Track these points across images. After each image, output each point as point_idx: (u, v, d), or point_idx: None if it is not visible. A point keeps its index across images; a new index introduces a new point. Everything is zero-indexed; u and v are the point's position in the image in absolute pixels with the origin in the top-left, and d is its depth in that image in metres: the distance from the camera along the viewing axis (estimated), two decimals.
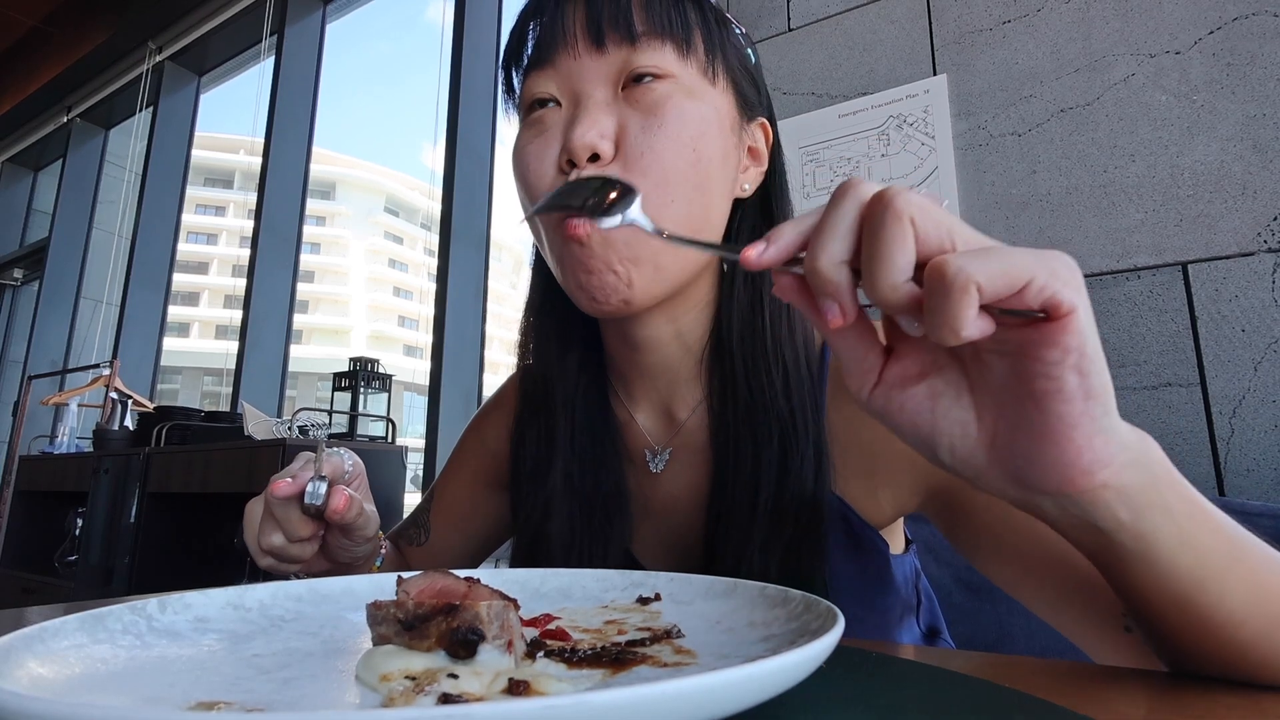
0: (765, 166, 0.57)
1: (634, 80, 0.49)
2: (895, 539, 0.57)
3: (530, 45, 0.53)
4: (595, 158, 0.48)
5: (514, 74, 0.55)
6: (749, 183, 0.56)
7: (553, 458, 0.58)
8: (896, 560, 0.55)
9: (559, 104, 0.51)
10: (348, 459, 0.55)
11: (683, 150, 0.48)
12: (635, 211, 0.40)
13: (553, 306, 0.60)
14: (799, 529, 0.49)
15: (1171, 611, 0.30)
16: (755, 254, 0.29)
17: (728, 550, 0.51)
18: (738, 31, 0.57)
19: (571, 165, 0.49)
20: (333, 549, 0.54)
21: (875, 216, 0.26)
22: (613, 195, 0.41)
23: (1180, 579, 0.29)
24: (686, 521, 0.56)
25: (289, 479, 0.49)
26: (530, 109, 0.53)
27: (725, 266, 0.57)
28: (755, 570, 0.49)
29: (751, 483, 0.51)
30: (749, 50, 0.57)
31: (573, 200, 0.43)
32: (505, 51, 0.55)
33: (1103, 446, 0.26)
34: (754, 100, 0.56)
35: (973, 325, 0.24)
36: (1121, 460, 0.27)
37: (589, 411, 0.59)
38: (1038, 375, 0.26)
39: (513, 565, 0.60)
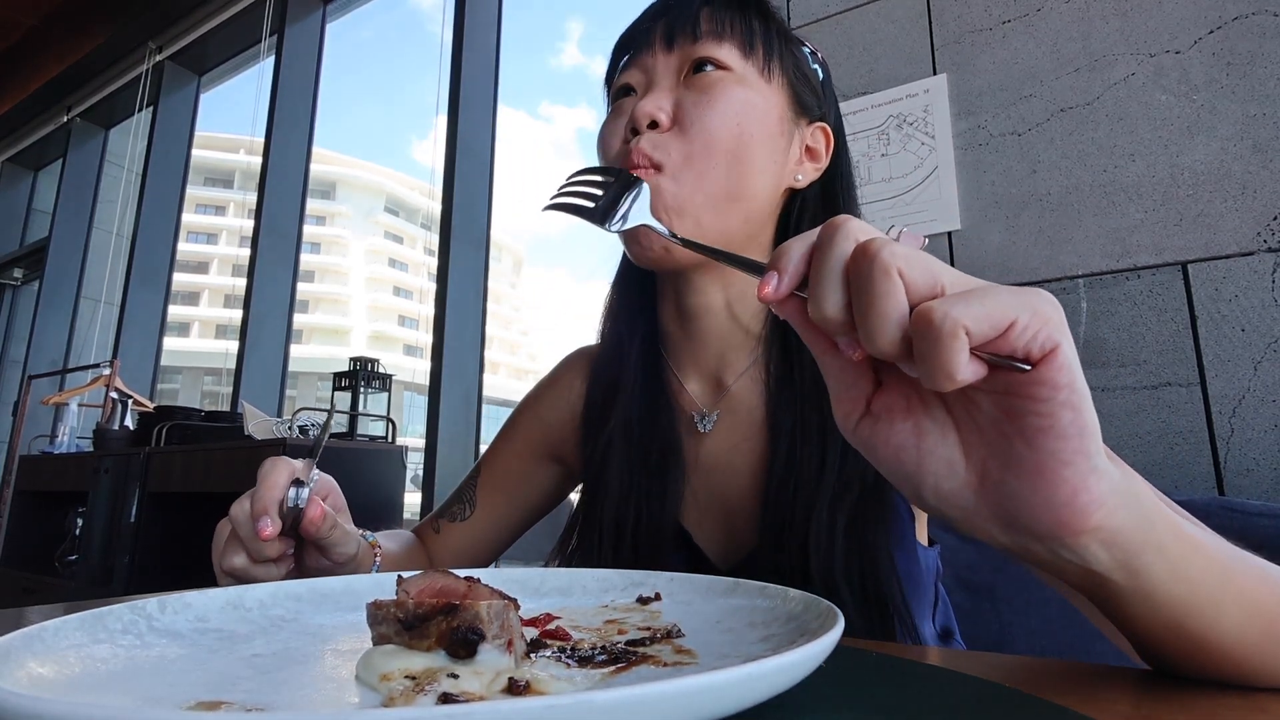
0: (823, 165, 0.64)
1: (695, 69, 0.59)
2: (920, 532, 0.59)
3: (626, 58, 0.64)
4: (654, 125, 0.57)
5: (609, 85, 0.66)
6: (803, 175, 0.63)
7: (615, 405, 0.65)
8: (921, 549, 0.57)
9: (637, 92, 0.61)
10: (324, 480, 0.56)
11: (727, 122, 0.57)
12: (644, 212, 0.46)
13: (633, 280, 0.70)
14: (864, 495, 0.53)
15: (1168, 639, 0.30)
16: (771, 289, 0.29)
17: (789, 515, 0.54)
18: (805, 50, 0.66)
19: (635, 133, 0.58)
20: (309, 570, 0.55)
21: (863, 272, 0.26)
22: (621, 188, 0.47)
23: (1173, 609, 0.29)
24: (735, 483, 0.60)
25: (268, 520, 0.49)
26: (616, 98, 0.63)
27: (776, 238, 0.63)
28: (822, 534, 0.52)
29: (819, 452, 0.55)
30: (816, 66, 0.66)
31: (586, 191, 0.48)
32: (607, 71, 0.67)
33: (1096, 485, 0.26)
34: (811, 105, 0.64)
35: (966, 369, 0.24)
36: (1113, 502, 0.26)
37: (647, 372, 0.66)
38: (1029, 413, 0.26)
39: (580, 513, 0.66)
